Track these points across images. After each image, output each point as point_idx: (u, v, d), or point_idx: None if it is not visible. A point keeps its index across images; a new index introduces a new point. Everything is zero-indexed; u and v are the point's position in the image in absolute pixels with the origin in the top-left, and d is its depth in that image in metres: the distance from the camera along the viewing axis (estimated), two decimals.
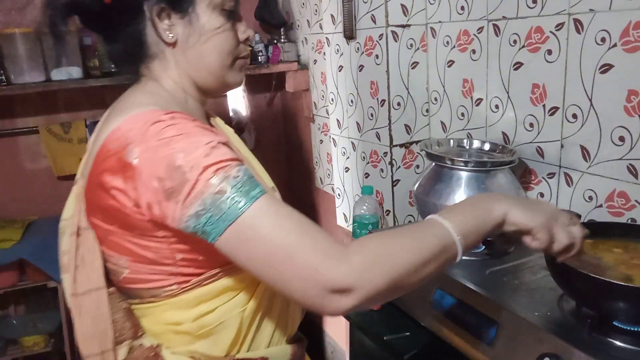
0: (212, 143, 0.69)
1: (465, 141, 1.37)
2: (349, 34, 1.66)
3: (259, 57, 2.25)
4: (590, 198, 1.14)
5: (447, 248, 0.72)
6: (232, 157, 0.69)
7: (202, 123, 0.74)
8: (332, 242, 0.67)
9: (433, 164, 1.27)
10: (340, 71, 1.80)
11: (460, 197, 1.18)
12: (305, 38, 2.24)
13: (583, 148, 1.14)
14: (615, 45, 1.04)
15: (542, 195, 1.27)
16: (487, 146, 1.33)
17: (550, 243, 0.78)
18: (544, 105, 1.22)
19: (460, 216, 0.74)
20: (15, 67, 1.93)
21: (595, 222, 1.10)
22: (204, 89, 0.87)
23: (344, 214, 1.96)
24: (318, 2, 2.02)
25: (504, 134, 1.35)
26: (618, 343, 0.82)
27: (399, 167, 1.62)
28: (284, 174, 2.71)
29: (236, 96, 2.46)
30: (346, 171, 1.87)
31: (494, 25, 1.32)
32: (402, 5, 1.52)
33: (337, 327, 2.35)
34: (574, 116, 1.15)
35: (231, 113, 2.47)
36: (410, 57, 1.56)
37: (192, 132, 0.69)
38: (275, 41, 2.29)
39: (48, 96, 2.23)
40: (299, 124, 2.47)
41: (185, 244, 0.75)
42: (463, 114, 1.49)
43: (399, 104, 1.58)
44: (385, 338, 1.19)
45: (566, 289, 0.91)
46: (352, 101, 1.74)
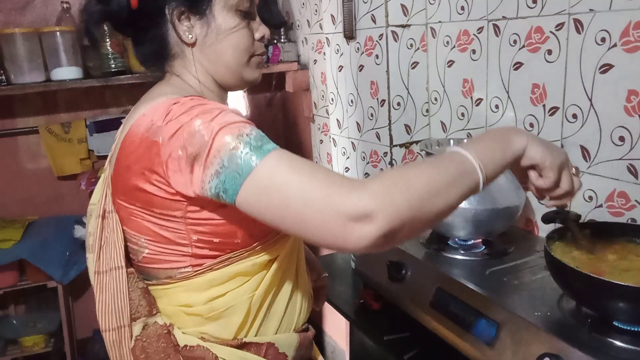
0: (226, 110, 0.76)
1: (465, 141, 1.37)
2: (349, 34, 1.66)
3: None
4: (590, 198, 1.14)
5: (468, 173, 0.71)
6: (244, 120, 0.75)
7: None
8: (346, 177, 0.69)
9: None
10: (340, 71, 1.80)
11: None
12: (305, 38, 2.23)
13: (583, 148, 1.14)
14: (615, 45, 1.04)
15: None
16: None
17: (554, 185, 0.79)
18: (544, 105, 1.22)
19: (480, 145, 0.75)
20: (15, 67, 1.93)
21: (595, 222, 1.11)
22: (224, 85, 0.93)
23: None
24: (318, 2, 2.02)
25: None
26: (618, 343, 0.82)
27: None
28: None
29: (236, 96, 2.46)
30: (346, 171, 1.87)
31: (494, 25, 1.32)
32: (402, 5, 1.52)
33: (337, 327, 2.34)
34: (574, 116, 1.15)
35: None
36: (410, 57, 1.56)
37: (208, 104, 0.77)
38: (275, 41, 2.29)
39: (48, 96, 2.23)
40: (299, 124, 2.47)
41: (201, 225, 0.80)
42: (463, 114, 1.49)
43: (399, 104, 1.58)
44: (385, 338, 1.20)
45: (566, 289, 0.91)
46: (352, 101, 1.74)
